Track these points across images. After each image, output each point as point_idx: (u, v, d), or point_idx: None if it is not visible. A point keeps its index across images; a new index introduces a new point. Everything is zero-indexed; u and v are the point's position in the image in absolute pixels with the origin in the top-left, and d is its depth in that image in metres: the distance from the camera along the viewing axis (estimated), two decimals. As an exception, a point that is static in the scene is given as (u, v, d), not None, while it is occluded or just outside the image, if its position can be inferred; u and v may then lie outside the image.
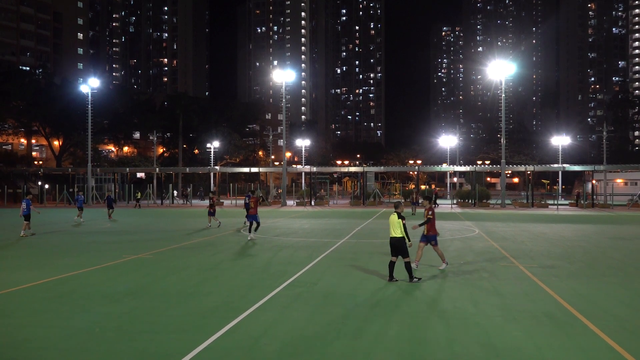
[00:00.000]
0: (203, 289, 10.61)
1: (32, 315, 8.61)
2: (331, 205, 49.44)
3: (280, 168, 53.85)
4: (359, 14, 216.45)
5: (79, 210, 29.54)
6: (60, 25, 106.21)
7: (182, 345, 6.97)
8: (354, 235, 21.22)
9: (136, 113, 76.16)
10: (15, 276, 12.02)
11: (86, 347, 6.96)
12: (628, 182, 67.64)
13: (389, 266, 11.46)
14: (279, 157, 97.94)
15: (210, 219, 25.26)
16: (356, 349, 6.83)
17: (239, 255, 15.64)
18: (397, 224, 11.08)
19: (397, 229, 11.11)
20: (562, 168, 52.15)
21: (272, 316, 8.45)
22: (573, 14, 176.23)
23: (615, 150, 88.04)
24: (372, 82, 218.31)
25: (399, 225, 11.09)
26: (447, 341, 7.16)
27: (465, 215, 35.54)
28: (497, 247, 17.43)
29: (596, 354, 6.69)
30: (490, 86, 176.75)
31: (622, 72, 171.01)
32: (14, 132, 69.29)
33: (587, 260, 14.59)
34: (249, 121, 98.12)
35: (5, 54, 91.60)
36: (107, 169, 58.99)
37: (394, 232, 11.17)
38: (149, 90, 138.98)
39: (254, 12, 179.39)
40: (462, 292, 10.25)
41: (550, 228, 24.82)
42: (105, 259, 14.61)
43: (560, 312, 8.72)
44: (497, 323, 8.04)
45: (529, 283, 11.20)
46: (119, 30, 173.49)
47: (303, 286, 10.86)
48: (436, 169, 61.88)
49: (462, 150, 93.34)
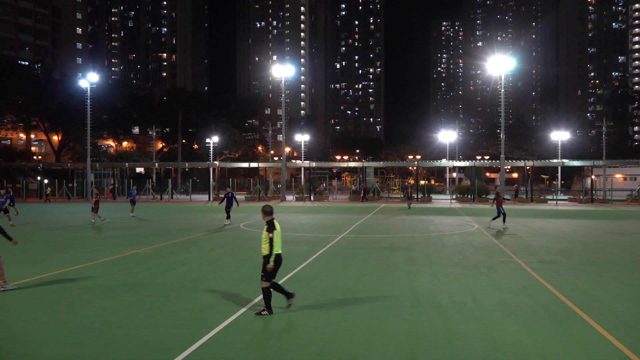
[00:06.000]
0: (202, 284, 10.62)
1: (31, 309, 8.61)
2: (330, 201, 49.46)
3: (280, 163, 53.83)
4: (359, 8, 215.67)
5: (132, 205, 29.46)
6: (59, 19, 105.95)
7: (182, 339, 6.98)
8: (353, 231, 21.23)
9: (135, 108, 76.06)
10: (15, 270, 12.02)
11: (86, 341, 6.97)
12: (627, 177, 67.70)
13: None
14: (278, 152, 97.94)
15: (97, 215, 24.26)
16: (355, 344, 6.84)
17: (238, 250, 15.65)
18: (265, 237, 8.24)
19: (264, 244, 8.26)
20: (562, 163, 52.14)
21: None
22: (573, 8, 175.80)
23: (615, 145, 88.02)
24: (371, 77, 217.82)
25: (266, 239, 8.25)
26: (446, 336, 7.17)
27: (465, 210, 35.56)
28: (496, 242, 17.46)
29: (595, 348, 6.71)
30: (489, 81, 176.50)
31: (621, 67, 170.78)
32: (13, 127, 69.21)
33: (586, 255, 14.61)
34: (248, 116, 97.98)
35: (4, 49, 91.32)
36: (106, 164, 58.94)
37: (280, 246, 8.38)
38: (148, 85, 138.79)
39: (253, 6, 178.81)
40: (461, 287, 10.26)
41: (549, 223, 24.84)
42: (105, 254, 14.62)
43: (559, 306, 8.73)
44: (495, 318, 8.06)
45: (527, 278, 11.21)
46: (117, 25, 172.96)
47: (302, 281, 10.88)
48: (435, 164, 61.81)
49: (461, 146, 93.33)
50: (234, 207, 24.17)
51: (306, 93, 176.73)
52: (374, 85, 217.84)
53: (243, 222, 25.04)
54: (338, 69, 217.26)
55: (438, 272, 11.90)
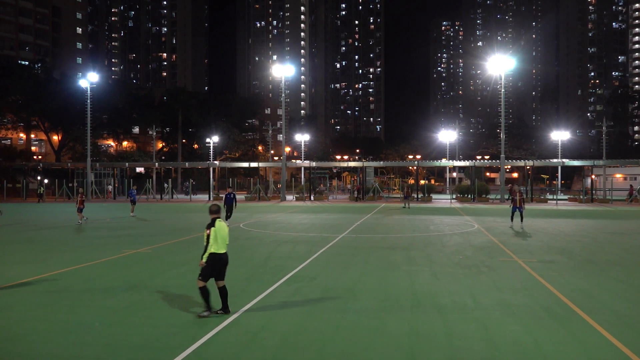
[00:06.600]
0: (202, 283, 10.61)
1: (31, 309, 8.61)
2: (330, 200, 49.46)
3: (280, 163, 53.82)
4: (359, 8, 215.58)
5: (132, 205, 29.46)
6: (59, 19, 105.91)
7: (182, 339, 6.98)
8: (353, 230, 21.23)
9: (135, 108, 76.04)
10: (15, 270, 12.02)
11: (86, 341, 6.97)
12: (627, 177, 67.71)
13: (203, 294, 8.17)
14: (278, 152, 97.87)
15: (81, 215, 24.18)
16: (355, 344, 6.84)
17: (238, 250, 15.64)
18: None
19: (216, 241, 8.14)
20: (562, 163, 52.13)
21: (271, 311, 8.46)
22: (573, 8, 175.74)
23: (615, 145, 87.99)
24: (371, 76, 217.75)
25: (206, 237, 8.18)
26: (446, 336, 7.17)
27: (465, 210, 35.56)
28: (496, 242, 17.45)
29: (595, 348, 6.70)
30: (489, 81, 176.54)
31: (621, 67, 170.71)
32: (13, 126, 69.16)
33: (586, 255, 14.61)
34: (248, 116, 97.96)
35: (4, 49, 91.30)
36: (107, 164, 58.91)
37: (221, 246, 8.17)
38: (148, 85, 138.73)
39: (253, 6, 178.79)
40: (461, 287, 10.26)
41: (549, 223, 24.84)
42: (105, 254, 14.62)
43: (559, 306, 8.73)
44: (496, 318, 8.06)
45: (528, 278, 11.21)
46: (118, 25, 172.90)
47: (302, 281, 10.87)
48: (435, 164, 61.81)
49: (461, 145, 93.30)
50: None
51: (306, 93, 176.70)
52: (374, 85, 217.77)
53: (243, 222, 25.02)
54: (338, 68, 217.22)
55: (438, 272, 11.89)
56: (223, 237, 8.13)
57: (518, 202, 22.55)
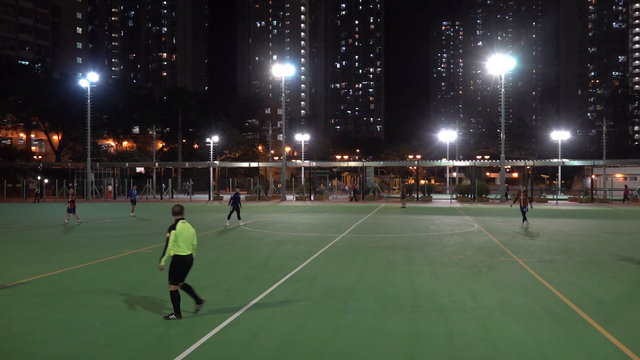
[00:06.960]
0: (202, 283, 10.60)
1: (32, 309, 8.61)
2: (330, 200, 49.46)
3: (280, 163, 53.81)
4: (359, 8, 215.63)
5: (132, 205, 29.40)
6: (59, 19, 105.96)
7: (182, 339, 6.98)
8: (353, 230, 21.22)
9: (135, 108, 76.08)
10: (15, 270, 12.03)
11: (86, 341, 6.97)
12: (627, 176, 67.70)
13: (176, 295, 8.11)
14: (278, 152, 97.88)
15: (68, 215, 24.04)
16: (355, 344, 6.84)
17: (238, 250, 15.63)
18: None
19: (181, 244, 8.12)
20: (562, 163, 52.12)
21: (271, 311, 8.46)
22: (573, 8, 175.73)
23: (615, 145, 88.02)
24: (371, 76, 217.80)
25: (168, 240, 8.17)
26: (446, 335, 7.17)
27: (465, 210, 35.56)
28: (496, 241, 17.45)
29: (595, 347, 6.70)
30: (490, 81, 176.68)
31: (622, 66, 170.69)
32: (13, 126, 69.23)
33: (586, 254, 14.60)
34: (248, 116, 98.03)
35: (4, 48, 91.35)
36: (107, 164, 58.90)
37: (184, 248, 8.09)
38: (148, 85, 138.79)
39: (253, 6, 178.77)
40: (461, 287, 10.25)
41: (549, 223, 24.83)
42: (105, 254, 14.62)
43: (559, 306, 8.73)
44: (496, 317, 8.05)
45: (528, 277, 11.21)
46: (118, 25, 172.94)
47: (302, 281, 10.87)
48: (435, 164, 61.81)
49: (461, 145, 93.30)
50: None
51: (306, 93, 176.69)
52: (374, 85, 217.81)
53: (243, 222, 25.01)
54: (338, 68, 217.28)
55: (438, 272, 11.89)
56: (186, 239, 8.04)
57: (522, 202, 22.59)
